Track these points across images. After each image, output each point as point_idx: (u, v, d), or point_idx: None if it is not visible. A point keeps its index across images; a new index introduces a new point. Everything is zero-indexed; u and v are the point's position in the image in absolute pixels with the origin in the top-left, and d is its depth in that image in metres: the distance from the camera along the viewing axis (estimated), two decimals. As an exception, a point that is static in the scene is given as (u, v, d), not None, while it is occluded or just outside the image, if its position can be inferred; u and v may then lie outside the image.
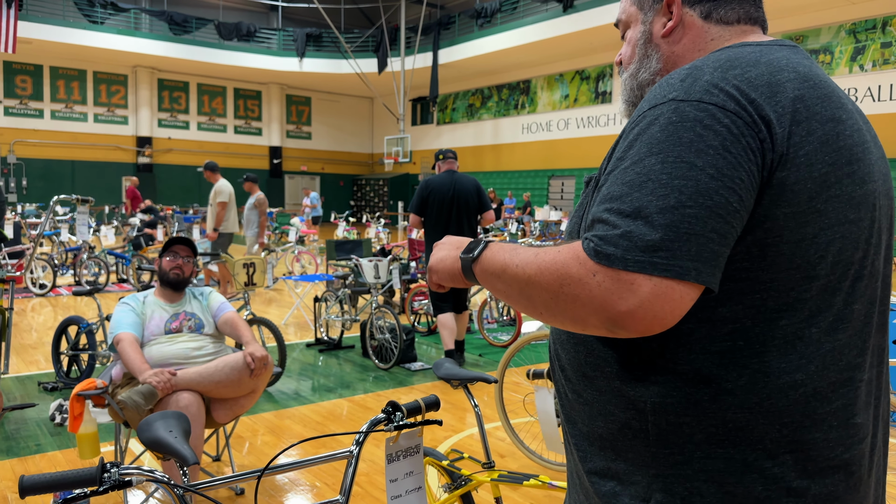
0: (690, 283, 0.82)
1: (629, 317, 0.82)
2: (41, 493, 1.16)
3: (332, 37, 26.53)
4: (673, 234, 0.81)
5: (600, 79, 22.42)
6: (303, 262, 11.58)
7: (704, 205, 0.82)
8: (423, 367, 5.75)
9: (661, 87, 0.94)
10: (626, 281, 0.82)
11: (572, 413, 1.07)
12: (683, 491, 0.92)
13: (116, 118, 26.34)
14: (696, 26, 1.07)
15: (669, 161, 0.85)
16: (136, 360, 3.10)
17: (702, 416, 0.91)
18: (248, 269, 5.30)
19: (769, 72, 0.91)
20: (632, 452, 0.97)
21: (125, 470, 1.21)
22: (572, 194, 22.88)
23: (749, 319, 0.90)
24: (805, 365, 0.91)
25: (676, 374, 0.92)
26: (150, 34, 24.18)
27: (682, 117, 0.87)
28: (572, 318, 0.88)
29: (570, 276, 0.86)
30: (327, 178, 31.98)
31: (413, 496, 1.50)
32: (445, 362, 2.51)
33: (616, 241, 0.83)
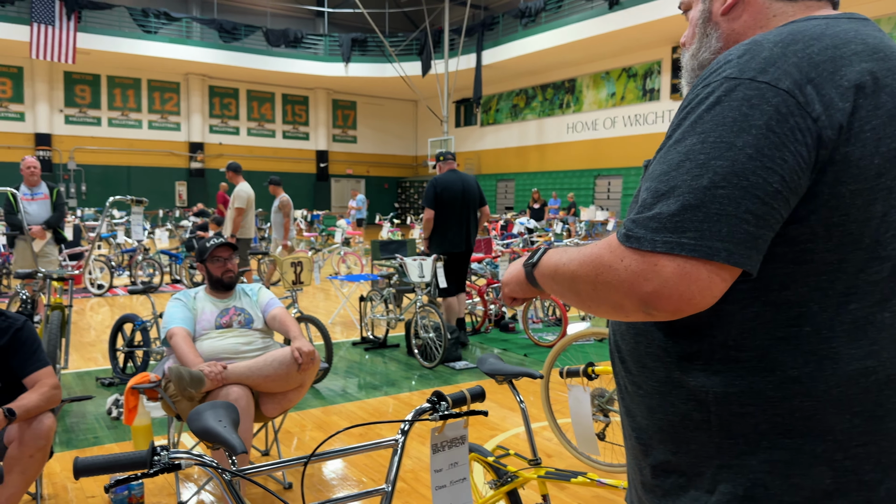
0: (720, 263, 0.81)
1: (656, 297, 0.82)
2: (94, 474, 1.19)
3: (377, 41, 26.78)
4: (703, 215, 0.80)
5: (648, 76, 22.05)
6: (348, 262, 11.70)
7: (739, 185, 0.80)
8: (467, 367, 5.74)
9: (717, 63, 0.92)
10: (650, 262, 0.82)
11: (632, 405, 1.06)
12: (748, 482, 0.89)
13: (170, 125, 27.11)
14: (756, 2, 1.03)
15: (710, 141, 0.83)
16: (189, 353, 3.17)
17: (766, 405, 0.88)
18: (296, 269, 5.38)
19: (834, 45, 0.87)
20: (694, 444, 0.94)
21: (175, 454, 1.23)
22: (619, 194, 22.56)
23: (816, 303, 0.87)
24: (877, 351, 0.87)
25: (739, 361, 0.89)
26: (201, 42, 24.82)
27: (730, 96, 0.85)
28: (611, 304, 0.89)
29: (603, 264, 0.88)
30: (372, 180, 32.29)
31: (458, 487, 1.49)
32: (490, 357, 2.49)
33: (646, 222, 0.84)
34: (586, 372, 2.34)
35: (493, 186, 27.69)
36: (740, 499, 0.89)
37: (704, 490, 0.93)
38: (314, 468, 3.65)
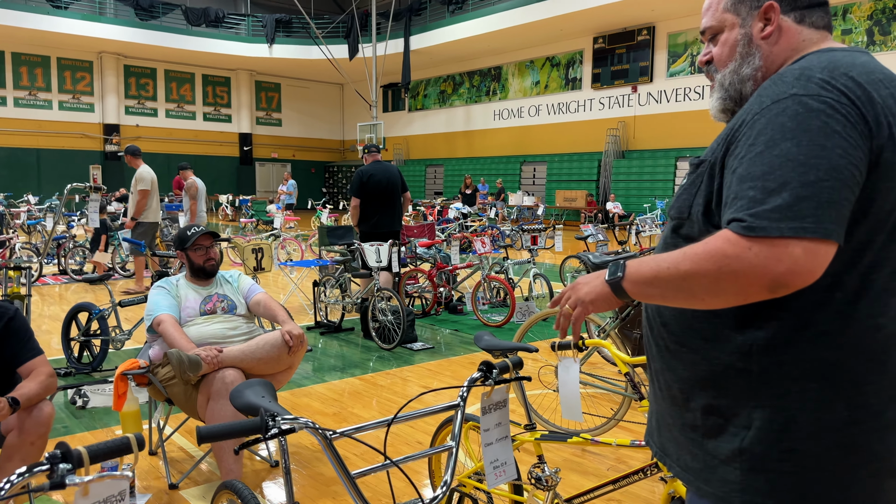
0: (833, 241, 1.01)
1: (789, 275, 1.00)
2: (216, 440, 1.35)
3: (303, 22, 26.32)
4: (816, 203, 1.00)
5: (570, 66, 22.72)
6: (288, 248, 11.66)
7: (838, 178, 1.01)
8: (423, 347, 5.97)
9: (776, 84, 1.13)
10: (780, 246, 1.00)
11: (673, 362, 1.26)
12: (781, 419, 1.11)
13: (82, 105, 25.80)
14: (791, 30, 1.26)
15: (804, 144, 1.02)
16: (181, 339, 3.25)
17: (800, 354, 1.10)
18: (257, 255, 5.44)
19: (865, 72, 1.10)
20: (734, 389, 1.15)
21: (286, 420, 1.40)
22: (544, 179, 23.21)
23: (846, 274, 1.08)
24: (887, 311, 1.10)
25: (780, 319, 1.11)
26: (116, 20, 23.70)
27: (807, 108, 1.05)
28: (735, 291, 1.04)
29: (727, 257, 1.03)
30: (298, 164, 31.81)
31: (503, 443, 1.72)
32: (485, 335, 2.70)
33: (767, 214, 1.01)
34: (577, 344, 2.60)
35: (422, 172, 27.87)
36: (776, 431, 1.11)
37: (742, 426, 1.14)
38: (366, 437, 3.80)
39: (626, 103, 21.15)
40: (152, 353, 3.46)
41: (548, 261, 12.23)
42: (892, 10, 15.57)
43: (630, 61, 20.82)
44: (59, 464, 1.18)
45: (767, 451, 1.12)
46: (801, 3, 1.26)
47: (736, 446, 1.15)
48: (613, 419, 3.60)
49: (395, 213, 6.97)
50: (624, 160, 20.65)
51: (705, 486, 1.20)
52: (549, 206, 21.54)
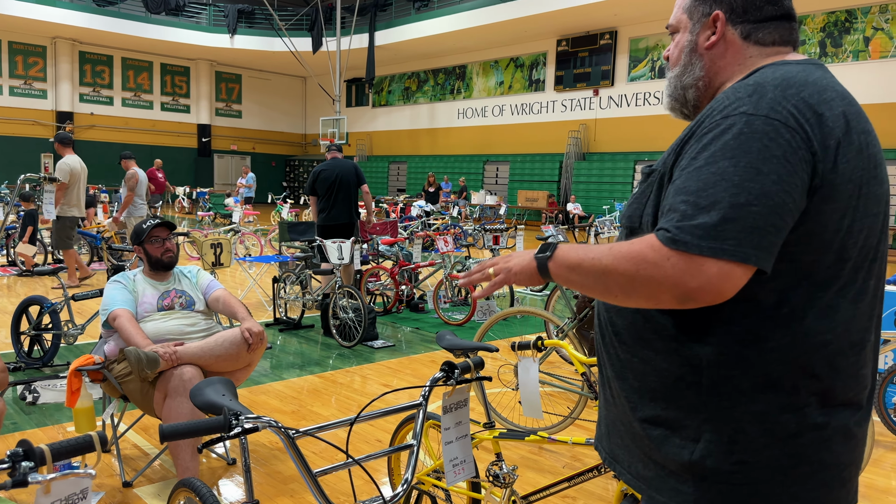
0: (751, 266, 1.03)
1: (699, 291, 1.03)
2: (179, 438, 1.35)
3: (265, 13, 25.96)
4: (741, 227, 1.01)
5: (534, 67, 22.91)
6: (247, 243, 11.51)
7: (767, 204, 1.02)
8: (384, 345, 5.98)
9: (729, 98, 1.12)
10: (697, 263, 1.02)
11: (623, 371, 1.26)
12: (730, 430, 1.12)
13: (34, 91, 24.99)
14: (736, 44, 1.24)
15: (741, 166, 1.03)
16: (137, 334, 3.20)
17: (749, 368, 1.11)
18: (216, 250, 5.37)
19: (818, 91, 1.10)
20: (683, 401, 1.16)
21: (248, 419, 1.40)
22: (506, 179, 23.37)
23: (793, 292, 1.10)
24: (834, 328, 1.11)
25: (731, 334, 1.12)
26: (72, 4, 23.01)
27: (752, 129, 1.05)
28: (647, 295, 1.07)
29: (646, 261, 1.06)
30: (258, 157, 31.38)
31: (463, 442, 1.75)
32: (447, 334, 2.73)
33: (691, 230, 1.03)
34: (536, 344, 2.65)
35: (385, 168, 27.78)
36: (726, 443, 1.12)
37: (691, 439, 1.15)
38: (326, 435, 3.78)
39: (588, 106, 21.44)
40: (107, 348, 3.40)
41: (508, 260, 12.32)
42: (843, 23, 16.11)
43: (592, 65, 21.11)
44: (21, 461, 1.17)
45: (719, 464, 1.13)
46: (751, 16, 1.24)
47: (686, 459, 1.15)
48: (570, 417, 3.67)
49: (348, 206, 7.24)
50: (585, 162, 20.93)
51: (658, 496, 1.21)
52: (512, 206, 21.71)
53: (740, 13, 1.24)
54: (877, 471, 3.61)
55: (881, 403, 4.04)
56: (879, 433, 4.15)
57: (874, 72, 15.72)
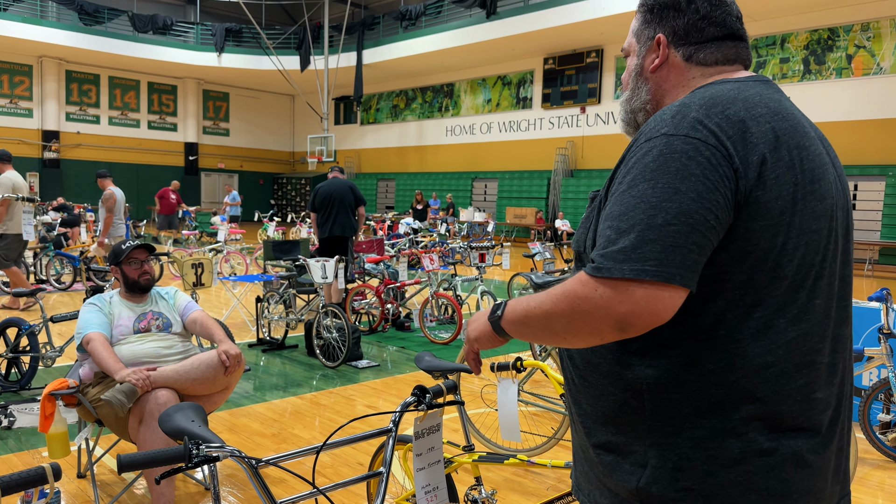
0: (676, 286, 1.00)
1: (630, 316, 1.00)
2: (137, 469, 1.30)
3: (253, 32, 26.04)
4: (660, 247, 0.99)
5: (521, 85, 23.07)
6: (232, 262, 11.44)
7: (686, 222, 1.00)
8: (369, 365, 5.92)
9: (655, 121, 1.11)
10: (622, 287, 1.00)
11: (578, 395, 1.24)
12: (674, 456, 1.09)
13: (20, 110, 24.87)
14: (679, 66, 1.25)
15: (659, 186, 1.02)
16: (109, 359, 3.14)
17: (689, 393, 1.08)
18: (197, 269, 5.32)
19: (745, 108, 1.08)
20: (629, 426, 1.14)
21: (209, 447, 1.36)
22: (495, 196, 23.43)
23: (729, 312, 1.07)
24: (774, 349, 1.08)
25: (668, 357, 1.09)
26: (58, 23, 22.99)
27: (671, 149, 1.04)
28: (589, 331, 1.05)
29: (577, 297, 1.04)
30: (246, 175, 31.32)
31: (435, 468, 1.71)
32: (426, 355, 2.70)
33: (613, 255, 1.01)
34: (515, 365, 2.61)
35: (373, 186, 27.79)
36: (670, 469, 1.09)
37: (638, 465, 1.12)
38: (304, 460, 3.71)
39: (575, 123, 21.57)
40: (83, 371, 3.34)
41: (497, 277, 12.32)
42: (826, 41, 16.34)
43: (579, 82, 21.27)
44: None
45: (664, 491, 1.11)
46: (692, 38, 1.24)
47: (633, 485, 1.13)
48: (554, 438, 3.63)
49: (344, 221, 7.79)
50: (573, 179, 21.02)
51: None
52: (500, 223, 21.74)
53: (682, 35, 1.24)
54: (862, 489, 3.59)
55: (866, 420, 4.02)
56: (864, 450, 4.13)
57: (857, 89, 15.93)
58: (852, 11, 15.85)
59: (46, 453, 3.84)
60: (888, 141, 15.48)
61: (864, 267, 15.08)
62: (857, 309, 4.58)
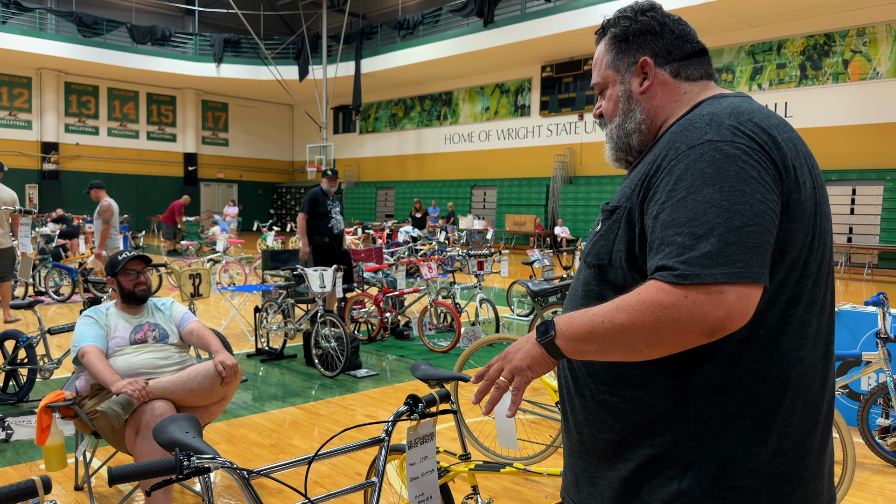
0: (761, 285, 1.04)
1: (726, 319, 1.02)
2: (128, 481, 1.30)
3: (251, 42, 26.14)
4: (744, 248, 1.02)
5: (519, 92, 23.13)
6: (231, 272, 11.43)
7: (760, 222, 1.05)
8: (368, 374, 5.91)
9: (688, 131, 1.15)
10: (715, 292, 1.01)
11: (601, 412, 1.22)
12: (718, 457, 1.12)
13: (19, 122, 24.94)
14: (668, 83, 1.31)
15: (725, 190, 1.05)
16: (104, 371, 3.14)
17: (733, 392, 1.12)
18: (195, 280, 5.32)
19: (765, 117, 1.16)
20: (671, 434, 1.15)
21: (201, 458, 1.36)
22: (494, 204, 23.45)
23: (768, 311, 1.12)
24: (805, 343, 1.15)
25: (712, 361, 1.12)
26: (57, 35, 23.08)
27: (723, 154, 1.08)
28: (674, 341, 1.05)
29: (663, 307, 1.03)
30: (245, 185, 31.37)
31: (429, 477, 1.71)
32: (422, 364, 2.69)
33: (698, 261, 1.02)
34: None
35: (372, 194, 27.82)
36: (714, 470, 1.12)
37: (680, 469, 1.14)
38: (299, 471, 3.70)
39: (573, 130, 21.62)
40: (79, 384, 3.34)
41: (496, 285, 12.32)
42: (822, 46, 16.39)
43: (577, 90, 21.33)
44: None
45: (707, 491, 1.13)
46: (675, 56, 1.31)
47: (674, 489, 1.14)
48: (552, 446, 3.62)
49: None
50: (571, 186, 21.05)
51: None
52: (499, 230, 21.75)
53: (664, 55, 1.31)
54: (861, 494, 3.58)
55: (864, 425, 4.01)
56: (864, 455, 4.12)
57: (854, 94, 15.97)
58: (848, 17, 15.91)
59: (43, 466, 3.83)
60: (885, 145, 15.50)
61: (864, 271, 15.08)
62: (855, 313, 4.58)
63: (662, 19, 1.32)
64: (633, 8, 1.34)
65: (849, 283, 13.56)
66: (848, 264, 15.46)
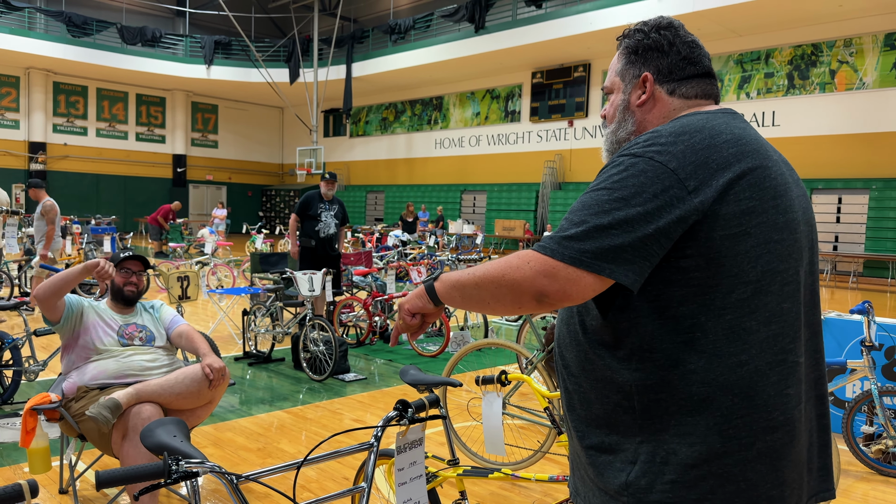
0: (602, 277, 1.15)
1: (550, 291, 1.16)
2: (115, 485, 1.30)
3: (242, 44, 26.08)
4: (599, 245, 1.15)
5: (510, 98, 23.21)
6: (219, 275, 11.38)
7: (625, 230, 1.15)
8: (356, 378, 5.90)
9: (630, 144, 1.26)
10: (551, 265, 1.16)
11: (572, 401, 1.35)
12: (663, 452, 1.20)
13: (6, 122, 24.73)
14: (662, 100, 1.39)
15: (614, 196, 1.18)
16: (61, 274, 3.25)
17: (674, 391, 1.19)
18: (182, 283, 5.30)
19: (710, 136, 1.23)
20: (622, 426, 1.24)
21: (189, 463, 1.36)
22: (484, 208, 23.49)
23: (703, 315, 1.18)
24: (747, 349, 1.19)
25: (653, 361, 1.20)
26: (46, 35, 22.93)
27: (633, 167, 1.20)
28: (511, 299, 1.20)
29: (510, 266, 1.20)
30: (234, 187, 31.25)
31: (417, 482, 1.71)
32: (411, 369, 2.70)
33: (559, 240, 1.17)
34: (499, 379, 2.62)
35: (362, 198, 27.79)
36: (658, 464, 1.19)
37: (629, 461, 1.23)
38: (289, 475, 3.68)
39: (563, 137, 21.71)
40: (66, 386, 3.32)
41: (484, 290, 12.31)
42: (810, 56, 16.57)
43: (567, 96, 21.43)
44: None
45: (651, 484, 1.19)
46: (675, 76, 1.38)
47: (623, 480, 1.22)
48: (540, 451, 3.63)
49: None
50: (561, 191, 21.12)
51: None
52: (489, 235, 21.78)
53: (666, 73, 1.38)
54: (846, 501, 3.61)
55: (849, 433, 4.05)
56: (848, 462, 4.16)
57: (840, 103, 16.14)
58: (835, 27, 16.09)
59: (28, 469, 3.80)
60: (871, 155, 15.68)
61: (849, 279, 15.22)
62: (840, 322, 4.63)
63: (673, 39, 1.39)
64: (650, 23, 1.41)
65: (834, 291, 13.69)
66: (833, 272, 15.60)
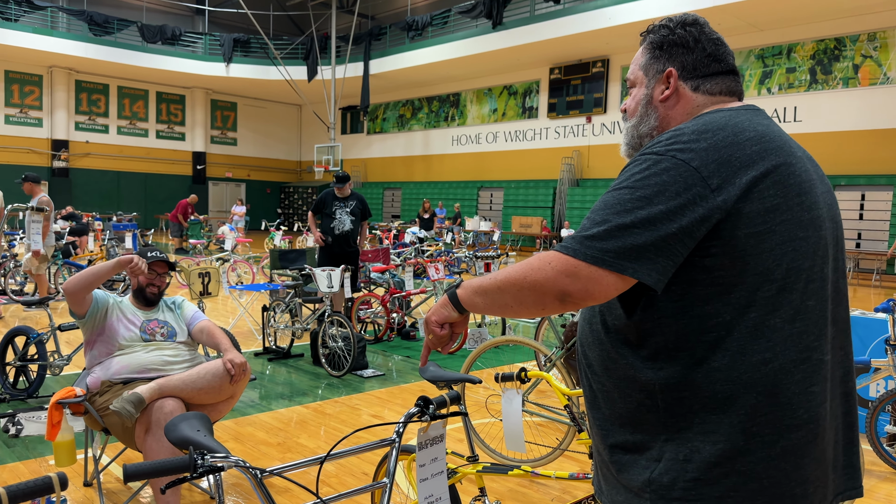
0: (624, 276, 1.15)
1: (572, 291, 1.16)
2: (142, 479, 1.32)
3: (261, 42, 26.23)
4: (620, 243, 1.15)
5: (527, 95, 23.13)
6: (239, 271, 11.48)
7: (648, 228, 1.15)
8: (374, 374, 5.92)
9: (653, 142, 1.26)
10: (573, 265, 1.16)
11: (595, 400, 1.35)
12: (686, 450, 1.20)
13: (30, 120, 25.11)
14: (686, 96, 1.38)
15: (636, 195, 1.17)
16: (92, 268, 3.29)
17: (697, 390, 1.19)
18: (204, 279, 5.35)
19: (733, 133, 1.22)
20: (646, 424, 1.25)
21: (214, 457, 1.38)
22: (500, 205, 23.45)
23: (727, 314, 1.18)
24: (772, 346, 1.19)
25: (677, 360, 1.21)
26: (68, 34, 23.23)
27: (655, 164, 1.19)
28: (534, 300, 1.20)
29: (532, 267, 1.19)
30: (253, 184, 31.47)
31: (438, 478, 1.72)
32: (431, 365, 2.71)
33: (581, 240, 1.17)
34: (519, 376, 2.62)
35: (379, 195, 27.87)
36: (681, 461, 1.20)
37: (653, 459, 1.23)
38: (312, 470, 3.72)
39: (581, 133, 21.60)
40: (90, 380, 3.36)
41: (502, 287, 12.30)
42: (832, 50, 16.34)
43: (585, 92, 21.31)
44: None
45: (674, 481, 1.20)
46: (700, 72, 1.38)
47: (646, 477, 1.22)
48: (559, 449, 3.63)
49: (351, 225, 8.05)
50: (578, 188, 21.03)
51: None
52: (506, 232, 21.75)
53: (690, 69, 1.38)
54: (869, 501, 3.57)
55: (873, 432, 4.00)
56: (872, 462, 4.10)
57: (864, 98, 15.90)
58: (858, 21, 15.84)
59: (53, 461, 3.87)
60: (895, 151, 15.43)
61: (872, 277, 15.01)
62: (865, 320, 4.57)
63: (699, 36, 1.38)
64: (676, 19, 1.41)
65: (857, 290, 13.50)
66: (856, 270, 15.39)
